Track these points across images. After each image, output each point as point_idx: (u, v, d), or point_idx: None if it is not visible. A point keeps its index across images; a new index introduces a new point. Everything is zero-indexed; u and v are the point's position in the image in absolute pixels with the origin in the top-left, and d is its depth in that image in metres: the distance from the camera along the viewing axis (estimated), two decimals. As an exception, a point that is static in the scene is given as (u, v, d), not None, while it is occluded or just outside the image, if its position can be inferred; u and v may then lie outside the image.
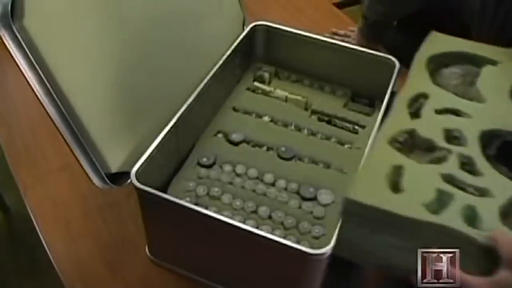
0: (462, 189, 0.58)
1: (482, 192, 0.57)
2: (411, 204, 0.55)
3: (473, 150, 0.62)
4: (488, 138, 0.63)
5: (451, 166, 0.60)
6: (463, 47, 0.74)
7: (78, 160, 0.63)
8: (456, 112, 0.67)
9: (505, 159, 0.61)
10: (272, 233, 0.67)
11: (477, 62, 0.73)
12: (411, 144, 0.64)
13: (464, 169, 0.60)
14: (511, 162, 0.60)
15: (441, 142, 0.63)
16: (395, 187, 0.57)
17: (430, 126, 0.64)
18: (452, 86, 0.71)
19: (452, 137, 0.64)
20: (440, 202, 0.56)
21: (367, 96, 0.87)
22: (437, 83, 0.71)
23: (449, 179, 0.59)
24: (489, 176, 0.59)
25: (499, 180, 0.58)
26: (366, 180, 0.58)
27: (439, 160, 0.61)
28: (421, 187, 0.57)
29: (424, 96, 0.69)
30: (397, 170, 0.59)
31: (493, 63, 0.72)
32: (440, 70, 0.73)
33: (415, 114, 0.67)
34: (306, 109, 0.86)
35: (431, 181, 0.58)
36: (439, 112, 0.67)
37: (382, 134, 0.64)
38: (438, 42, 0.75)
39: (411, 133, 0.64)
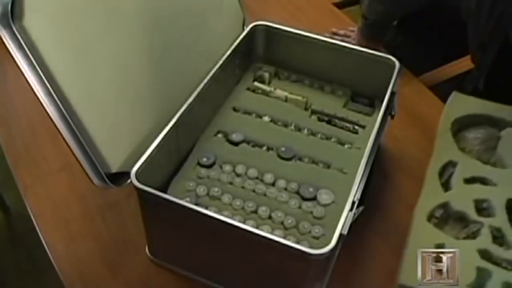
0: (497, 264, 0.61)
1: None
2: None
3: (502, 220, 0.65)
4: None
5: (485, 241, 0.63)
6: (483, 108, 0.77)
7: (78, 160, 0.63)
8: (483, 181, 0.70)
9: None
10: (272, 233, 0.67)
11: (498, 124, 0.76)
12: (446, 217, 0.67)
13: (496, 243, 0.63)
14: None
15: (473, 215, 0.66)
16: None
17: (461, 198, 0.68)
18: (476, 151, 0.75)
19: (482, 208, 0.67)
20: (481, 280, 0.59)
21: (367, 96, 0.87)
22: (461, 148, 0.74)
23: (485, 255, 0.62)
24: None
25: None
26: (415, 264, 0.61)
27: (474, 235, 0.64)
28: (463, 266, 0.60)
29: (452, 164, 0.72)
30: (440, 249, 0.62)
31: None
32: (463, 134, 0.77)
33: (446, 184, 0.70)
34: (306, 109, 0.86)
35: (470, 259, 0.61)
36: (468, 181, 0.70)
37: (420, 210, 0.67)
38: (459, 104, 0.78)
39: (445, 206, 0.67)
